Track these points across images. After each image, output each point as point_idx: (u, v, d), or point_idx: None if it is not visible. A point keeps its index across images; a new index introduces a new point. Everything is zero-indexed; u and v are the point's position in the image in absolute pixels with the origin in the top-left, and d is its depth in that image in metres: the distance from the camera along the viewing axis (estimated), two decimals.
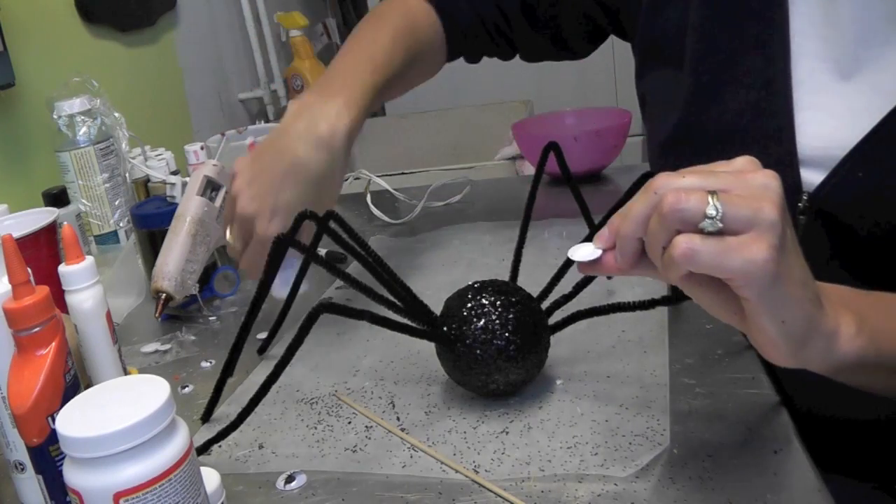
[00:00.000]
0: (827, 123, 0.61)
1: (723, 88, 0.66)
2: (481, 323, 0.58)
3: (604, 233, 0.47)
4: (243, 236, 0.72)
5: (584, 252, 0.48)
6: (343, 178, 0.76)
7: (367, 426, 0.61)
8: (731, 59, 0.65)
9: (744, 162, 0.45)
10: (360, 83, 0.77)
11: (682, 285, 0.44)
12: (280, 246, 0.59)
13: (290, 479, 0.55)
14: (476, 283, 0.61)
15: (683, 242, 0.41)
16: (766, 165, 0.62)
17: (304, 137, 0.73)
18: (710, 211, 0.41)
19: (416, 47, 0.85)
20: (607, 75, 2.03)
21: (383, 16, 0.87)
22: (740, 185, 0.42)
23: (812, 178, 0.61)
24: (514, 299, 0.59)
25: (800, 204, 0.61)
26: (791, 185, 0.61)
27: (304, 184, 0.72)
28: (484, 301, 0.59)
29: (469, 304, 0.59)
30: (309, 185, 0.72)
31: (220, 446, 0.61)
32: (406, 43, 0.84)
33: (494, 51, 0.94)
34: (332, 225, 0.63)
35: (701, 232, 0.41)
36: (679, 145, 0.70)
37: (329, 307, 0.53)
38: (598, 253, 0.47)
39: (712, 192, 0.41)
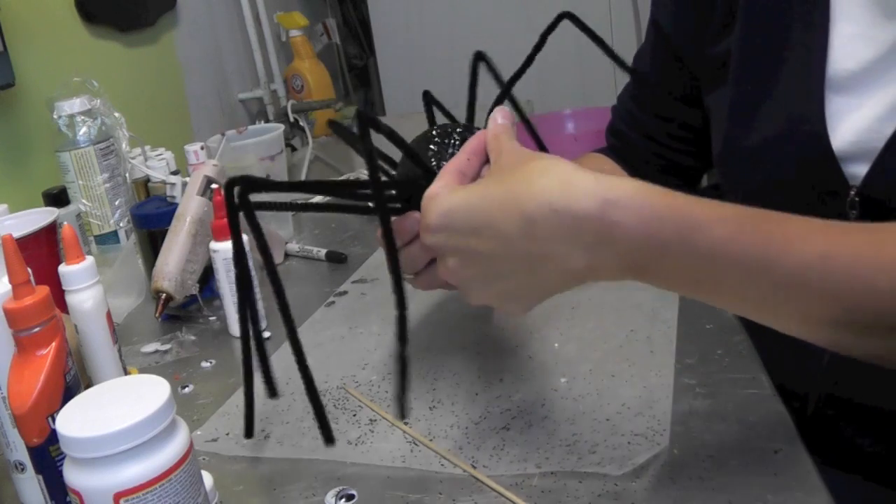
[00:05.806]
0: (862, 117, 0.60)
1: (761, 100, 0.66)
2: (450, 151, 0.57)
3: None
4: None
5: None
6: None
7: (371, 419, 0.61)
8: (768, 70, 0.65)
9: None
10: None
11: None
12: (231, 188, 0.51)
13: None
14: (428, 132, 0.60)
15: None
16: (806, 169, 0.63)
17: None
18: None
19: None
20: (607, 75, 2.02)
21: None
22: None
23: (857, 171, 0.60)
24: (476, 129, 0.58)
25: (848, 199, 0.61)
26: (837, 183, 0.61)
27: None
28: (446, 140, 0.58)
29: (432, 146, 0.58)
30: None
31: (227, 434, 0.62)
32: None
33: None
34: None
35: None
36: (727, 159, 0.71)
37: (242, 180, 0.49)
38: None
39: None
